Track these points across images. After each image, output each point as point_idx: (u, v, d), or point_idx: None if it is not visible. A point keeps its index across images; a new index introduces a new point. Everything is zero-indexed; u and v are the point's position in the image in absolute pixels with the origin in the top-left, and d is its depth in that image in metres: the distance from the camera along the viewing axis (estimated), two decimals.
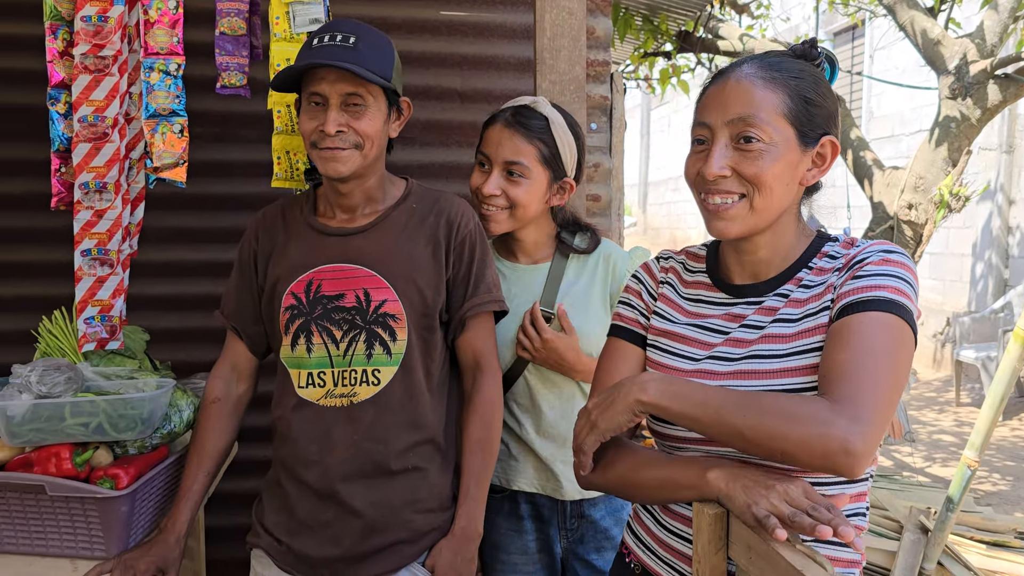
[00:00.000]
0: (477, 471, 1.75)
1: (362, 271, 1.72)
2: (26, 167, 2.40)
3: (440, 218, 1.78)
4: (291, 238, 1.78)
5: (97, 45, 1.86)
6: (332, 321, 1.71)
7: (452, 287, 1.78)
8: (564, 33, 2.12)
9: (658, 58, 7.26)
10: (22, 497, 1.69)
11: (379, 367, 1.71)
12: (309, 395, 1.73)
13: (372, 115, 1.67)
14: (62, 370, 1.72)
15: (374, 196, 1.78)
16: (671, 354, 1.36)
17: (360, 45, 1.65)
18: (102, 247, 1.91)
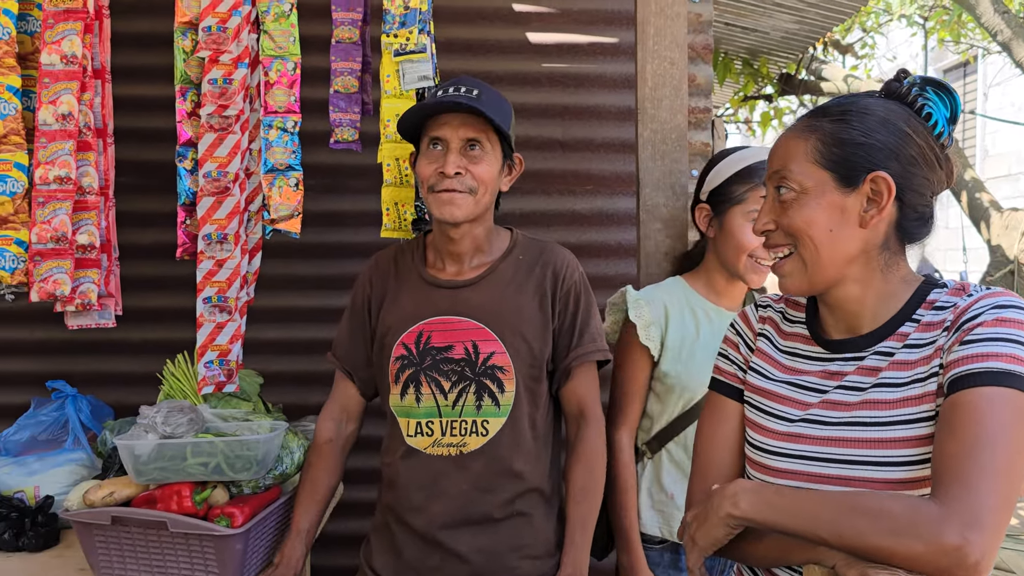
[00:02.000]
0: (582, 518, 1.75)
1: (471, 323, 1.76)
2: (155, 219, 2.57)
3: (546, 269, 1.81)
4: (403, 287, 1.84)
5: (222, 106, 1.99)
6: (441, 372, 1.76)
7: (557, 337, 1.80)
8: (665, 83, 2.14)
9: (759, 101, 7.19)
10: (146, 532, 1.78)
11: (488, 418, 1.75)
12: (417, 443, 1.77)
13: (489, 162, 1.73)
14: (184, 412, 1.81)
15: (482, 246, 1.82)
16: (766, 414, 1.31)
17: (483, 97, 1.72)
18: (222, 295, 2.01)
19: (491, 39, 2.77)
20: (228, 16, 1.99)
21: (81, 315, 2.10)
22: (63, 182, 2.01)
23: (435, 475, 1.75)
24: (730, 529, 1.19)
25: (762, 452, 1.29)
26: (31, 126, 2.07)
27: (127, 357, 2.69)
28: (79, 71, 2.02)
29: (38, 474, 2.16)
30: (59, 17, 2.02)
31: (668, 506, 1.91)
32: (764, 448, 1.29)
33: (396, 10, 1.97)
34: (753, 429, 1.32)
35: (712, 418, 1.39)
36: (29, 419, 2.29)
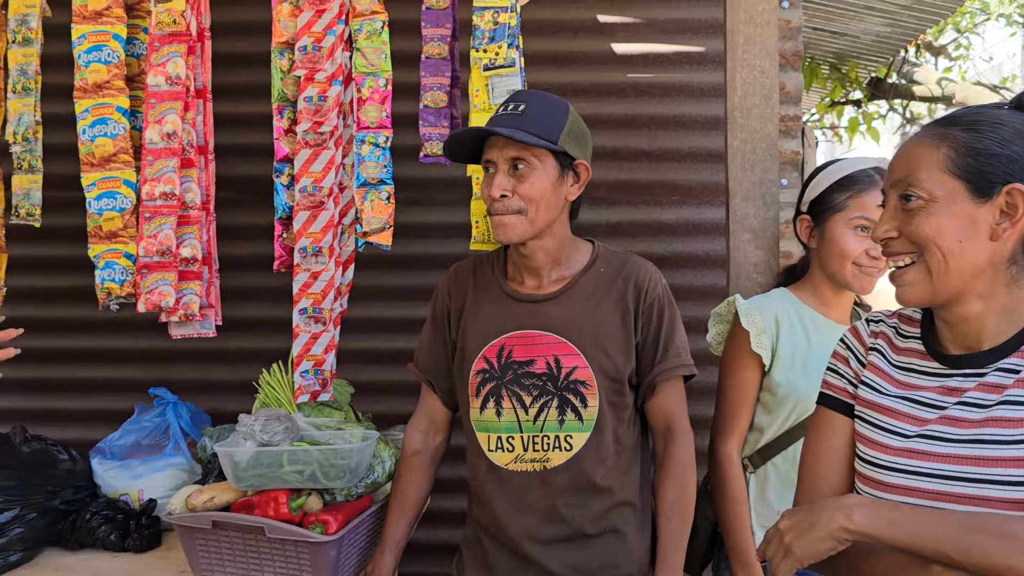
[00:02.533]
0: (673, 536, 1.74)
1: (552, 338, 1.75)
2: (252, 232, 2.66)
3: (628, 282, 1.79)
4: (482, 300, 1.84)
5: (317, 122, 2.05)
6: (522, 387, 1.75)
7: (641, 351, 1.78)
8: (755, 92, 2.11)
9: (846, 106, 7.00)
10: (244, 536, 1.83)
11: (571, 433, 1.74)
12: (499, 459, 1.77)
13: (536, 178, 1.70)
14: (281, 420, 1.87)
15: (559, 260, 1.80)
16: (879, 428, 1.28)
17: (528, 111, 1.71)
18: (317, 306, 2.06)
19: (576, 51, 2.77)
20: (323, 35, 2.04)
21: (184, 325, 2.19)
22: (168, 198, 2.10)
23: (521, 491, 1.75)
24: (837, 543, 1.17)
25: (875, 467, 1.26)
26: (138, 144, 2.17)
27: (224, 366, 2.79)
28: (183, 91, 2.11)
29: (142, 478, 2.25)
30: (164, 40, 2.12)
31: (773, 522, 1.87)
32: (877, 463, 1.26)
33: (485, 25, 1.99)
34: (865, 444, 1.29)
35: (820, 432, 1.37)
36: (133, 424, 2.39)
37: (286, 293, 2.11)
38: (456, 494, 2.60)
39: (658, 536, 1.75)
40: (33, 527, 2.04)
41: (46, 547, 2.10)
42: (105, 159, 2.13)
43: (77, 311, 2.81)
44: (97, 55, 2.13)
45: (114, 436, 2.35)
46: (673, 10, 2.74)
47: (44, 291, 2.83)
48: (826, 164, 1.98)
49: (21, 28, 2.20)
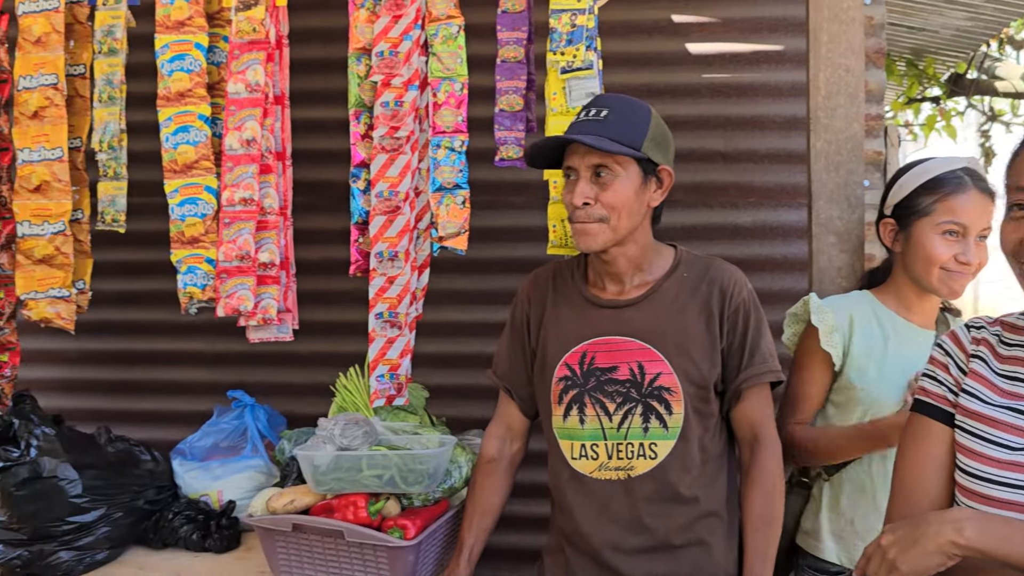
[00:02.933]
0: (761, 547, 1.69)
1: (635, 344, 1.72)
2: (329, 237, 2.69)
3: (713, 287, 1.75)
4: (563, 306, 1.81)
5: (393, 127, 2.05)
6: (605, 393, 1.73)
7: (727, 357, 1.74)
8: (840, 91, 2.04)
9: (923, 103, 6.78)
10: (323, 540, 1.85)
11: (656, 440, 1.71)
12: (582, 467, 1.74)
13: (619, 185, 1.67)
14: (360, 424, 1.87)
15: (640, 265, 1.77)
16: (984, 440, 1.22)
17: (610, 116, 1.68)
18: (392, 310, 2.07)
19: (650, 51, 2.73)
20: (399, 41, 2.05)
21: (262, 329, 2.22)
22: (247, 203, 2.13)
23: (604, 500, 1.72)
24: (946, 559, 1.11)
25: (979, 480, 1.20)
26: (218, 151, 2.20)
27: (300, 369, 2.82)
28: (262, 98, 2.14)
29: (221, 479, 2.29)
30: (244, 48, 2.15)
31: (847, 532, 1.82)
32: (982, 476, 1.20)
33: (563, 28, 1.97)
34: (968, 456, 1.23)
35: (917, 441, 1.31)
36: (212, 426, 2.43)
37: (362, 297, 2.12)
38: (531, 499, 2.59)
39: (745, 547, 1.71)
40: (119, 526, 2.10)
41: (131, 546, 2.16)
42: (187, 166, 2.17)
43: (159, 314, 2.88)
44: (179, 64, 2.18)
45: (194, 437, 2.40)
46: (751, 9, 2.69)
47: (128, 295, 2.91)
48: (911, 165, 1.91)
49: (107, 39, 2.26)
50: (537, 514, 2.65)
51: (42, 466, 2.01)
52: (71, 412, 2.57)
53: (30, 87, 2.24)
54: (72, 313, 2.28)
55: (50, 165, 2.24)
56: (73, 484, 2.02)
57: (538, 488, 2.60)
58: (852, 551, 1.82)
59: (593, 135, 1.65)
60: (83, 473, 2.05)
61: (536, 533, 2.64)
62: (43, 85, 2.24)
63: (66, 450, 2.08)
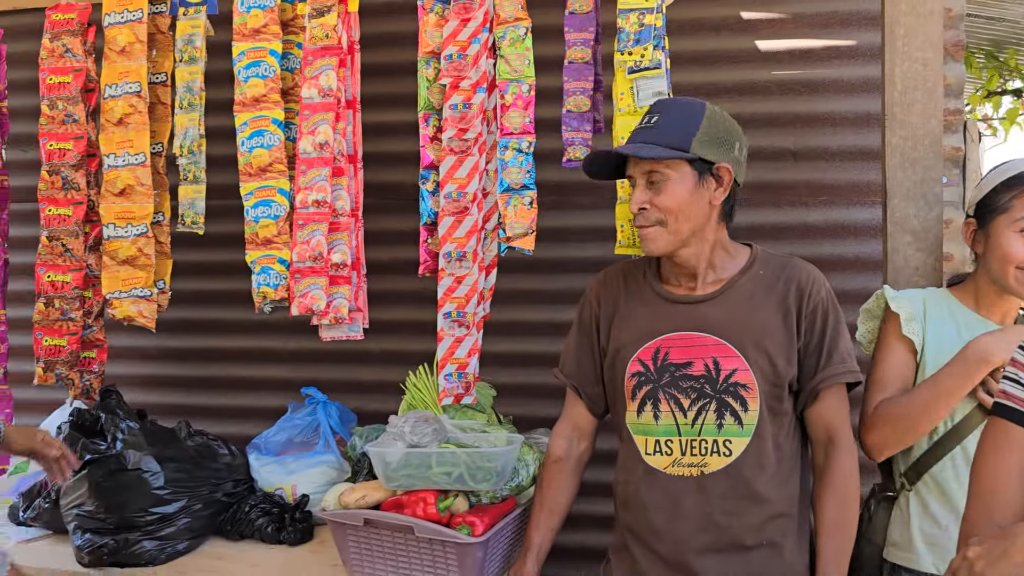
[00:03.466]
0: (835, 553, 1.67)
1: (710, 339, 1.71)
2: (398, 238, 2.73)
3: (790, 285, 1.73)
4: (635, 303, 1.81)
5: (462, 129, 2.08)
6: (680, 389, 1.71)
7: (803, 356, 1.71)
8: (917, 86, 1.99)
9: (1004, 96, 6.53)
10: (393, 535, 1.88)
11: (730, 437, 1.69)
12: (656, 463, 1.73)
13: (672, 188, 1.68)
14: (429, 422, 1.90)
15: (714, 263, 1.76)
16: None
17: (660, 122, 1.70)
18: (461, 310, 2.10)
19: (719, 49, 2.70)
20: (468, 44, 2.07)
21: (334, 328, 2.27)
22: (320, 205, 2.18)
23: (677, 496, 1.70)
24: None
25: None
26: (291, 154, 2.27)
27: (370, 367, 2.87)
28: (334, 103, 2.19)
29: (295, 473, 2.35)
30: (317, 54, 2.20)
31: (942, 539, 1.75)
32: None
33: (630, 28, 1.97)
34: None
35: (997, 446, 1.27)
36: (287, 422, 2.50)
37: (430, 297, 2.15)
38: (597, 498, 2.58)
39: (818, 552, 1.68)
40: (198, 517, 2.17)
41: (209, 536, 2.23)
42: (262, 169, 2.24)
43: (235, 313, 2.96)
44: (255, 70, 2.25)
45: (269, 432, 2.47)
46: (823, 3, 2.63)
47: (205, 294, 3.00)
48: (1001, 164, 1.85)
49: (187, 48, 2.35)
50: (602, 513, 2.64)
51: (127, 459, 2.10)
52: (153, 407, 2.68)
53: (115, 95, 2.34)
54: (153, 312, 2.38)
55: (134, 170, 2.33)
56: (156, 476, 2.11)
57: (603, 487, 2.60)
58: (947, 557, 1.74)
59: (643, 143, 1.68)
60: (165, 466, 2.14)
61: (602, 532, 2.64)
62: (127, 93, 2.34)
63: (149, 443, 2.17)
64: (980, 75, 5.80)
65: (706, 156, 1.68)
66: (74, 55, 2.42)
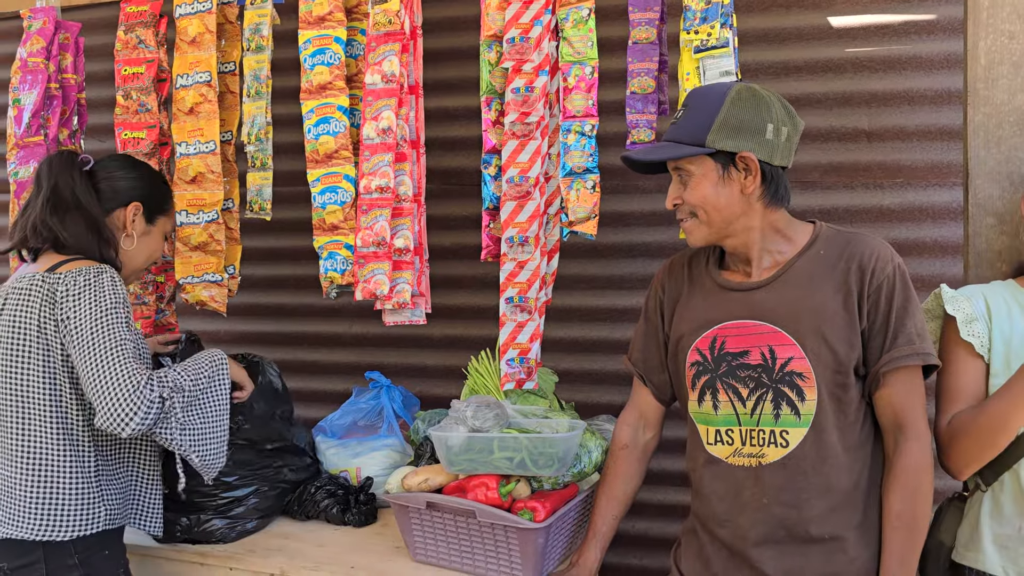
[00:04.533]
0: (900, 549, 1.61)
1: (766, 327, 1.67)
2: (460, 223, 2.74)
3: (851, 263, 1.65)
4: (695, 291, 1.79)
5: (524, 113, 2.06)
6: (738, 379, 1.69)
7: (868, 338, 1.63)
8: (1003, 60, 1.90)
9: None
10: (455, 518, 1.89)
11: (787, 428, 1.65)
12: (718, 452, 1.72)
13: (696, 184, 1.67)
14: (491, 407, 1.90)
15: (768, 248, 1.71)
16: None
17: (682, 117, 1.69)
18: (523, 295, 2.09)
19: (789, 26, 2.61)
20: (530, 26, 2.05)
21: (397, 313, 2.28)
22: (383, 191, 2.19)
23: (737, 486, 1.68)
24: None
25: None
26: (356, 141, 2.28)
27: (432, 351, 2.90)
28: (397, 88, 2.19)
29: (359, 456, 2.38)
30: (380, 40, 2.21)
31: (1013, 541, 1.67)
32: None
33: (697, 6, 1.92)
34: None
35: None
36: (351, 406, 2.53)
37: (492, 282, 2.15)
38: (661, 487, 2.56)
39: (883, 548, 1.62)
40: (266, 498, 2.22)
41: (277, 516, 2.28)
42: (328, 156, 2.26)
43: (301, 298, 3.02)
44: (320, 58, 2.26)
45: (334, 416, 2.51)
46: None
47: (273, 280, 3.06)
48: None
49: (255, 36, 2.38)
50: (666, 502, 2.63)
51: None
52: None
53: (186, 84, 2.39)
54: (224, 296, 2.43)
55: (204, 158, 2.38)
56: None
57: (668, 476, 2.58)
58: (1021, 561, 1.66)
59: (669, 140, 1.70)
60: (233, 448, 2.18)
61: (665, 521, 2.62)
62: (198, 83, 2.38)
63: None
64: None
65: (724, 147, 1.63)
66: (147, 46, 2.48)
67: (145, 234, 2.07)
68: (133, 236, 2.03)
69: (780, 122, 1.65)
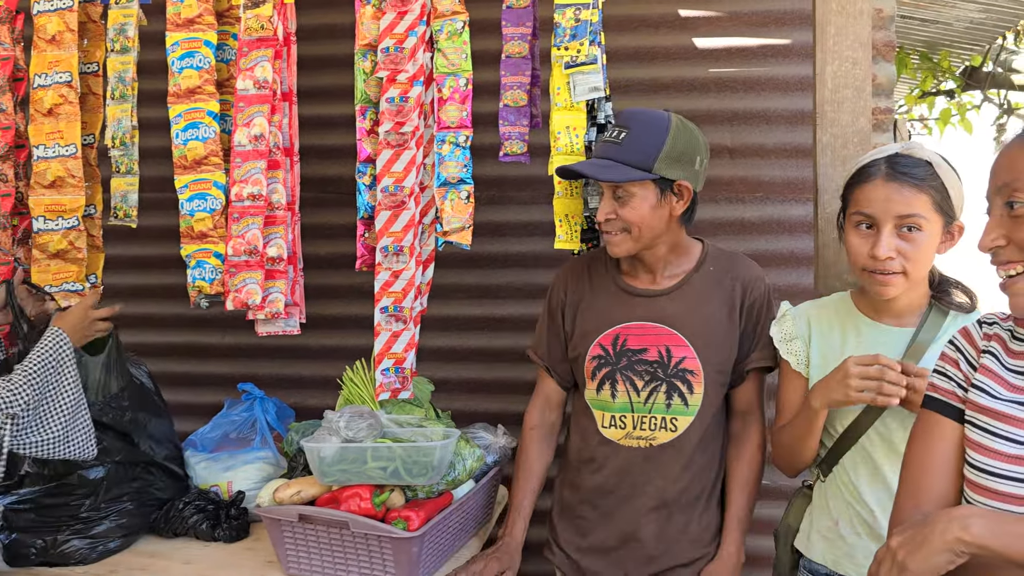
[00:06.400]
0: (742, 507, 1.94)
1: (664, 329, 1.92)
2: (335, 232, 2.72)
3: (736, 282, 1.95)
4: (598, 294, 2.00)
5: (399, 123, 2.07)
6: (635, 372, 1.93)
7: (739, 342, 1.95)
8: (847, 84, 2.04)
9: (937, 97, 6.73)
10: (329, 530, 1.87)
11: (677, 416, 1.92)
12: (611, 435, 1.96)
13: (635, 204, 1.85)
14: (364, 417, 1.90)
15: (670, 260, 1.97)
16: (992, 435, 1.22)
17: (626, 139, 1.84)
18: (398, 305, 2.09)
19: (657, 46, 2.73)
20: (405, 37, 2.06)
21: (270, 323, 2.24)
22: (255, 199, 2.15)
23: (628, 464, 1.93)
24: (954, 557, 1.12)
25: (988, 475, 1.21)
26: (227, 147, 2.23)
27: (308, 362, 2.85)
28: (270, 95, 2.16)
29: (231, 470, 2.32)
30: (252, 45, 2.17)
31: (832, 533, 1.78)
32: (991, 471, 1.21)
33: (567, 23, 1.98)
34: (977, 451, 1.24)
35: (925, 438, 1.32)
36: (222, 418, 2.46)
37: (368, 292, 2.14)
38: None
39: (728, 506, 1.95)
40: (130, 515, 2.13)
41: (143, 535, 2.19)
42: (196, 162, 2.20)
43: (169, 308, 2.92)
44: (189, 61, 2.21)
45: (205, 429, 2.43)
46: (758, 2, 2.68)
47: (139, 289, 2.95)
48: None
49: (119, 37, 2.29)
50: None
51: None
52: None
53: (45, 85, 2.27)
54: None
55: (64, 161, 2.27)
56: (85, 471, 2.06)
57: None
58: (837, 552, 1.76)
59: (609, 159, 1.84)
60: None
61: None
62: (57, 83, 2.27)
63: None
64: (915, 76, 5.97)
65: (667, 175, 1.84)
66: (1, 43, 2.35)
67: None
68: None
69: (703, 154, 1.91)
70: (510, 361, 2.70)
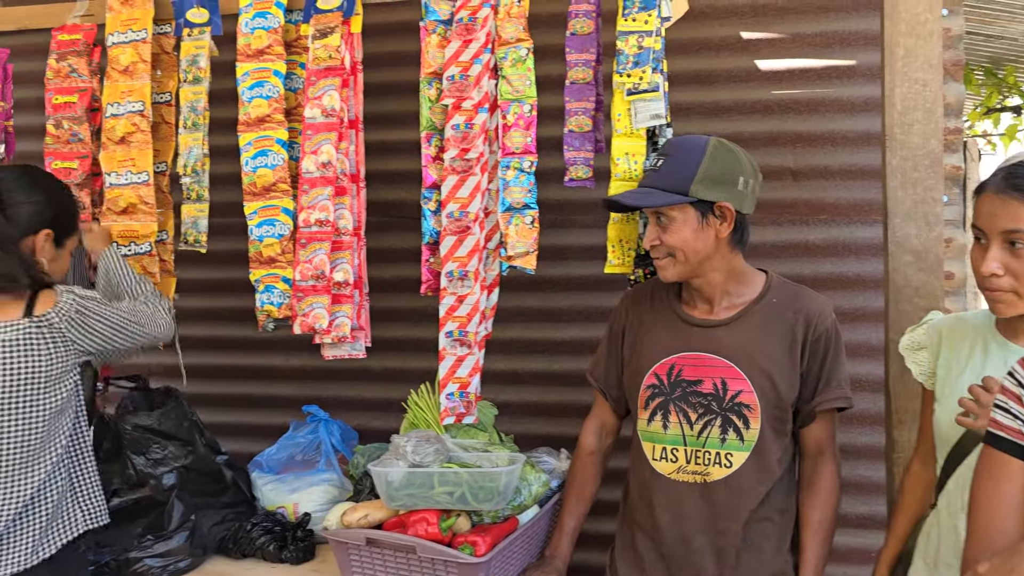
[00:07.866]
0: (817, 552, 1.86)
1: (721, 362, 1.86)
2: (400, 256, 2.75)
3: (799, 316, 1.87)
4: (658, 322, 1.97)
5: (464, 149, 2.09)
6: (689, 404, 1.87)
7: (804, 380, 1.86)
8: (917, 106, 2.00)
9: (1003, 113, 6.57)
10: (396, 554, 1.88)
11: (732, 451, 1.85)
12: (662, 468, 1.90)
13: (677, 228, 1.82)
14: (431, 442, 1.91)
15: (728, 289, 1.90)
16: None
17: (663, 166, 1.84)
18: (462, 329, 2.10)
19: (719, 69, 2.72)
20: (470, 64, 2.09)
21: (336, 347, 2.27)
22: (322, 224, 2.19)
23: (680, 500, 1.87)
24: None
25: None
26: (295, 174, 2.28)
27: (372, 385, 2.89)
28: (337, 123, 2.20)
29: (297, 492, 2.35)
30: (320, 75, 2.22)
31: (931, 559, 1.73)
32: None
33: (630, 50, 1.98)
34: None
35: (991, 477, 1.26)
36: (288, 440, 2.50)
37: (432, 316, 2.16)
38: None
39: (801, 552, 1.87)
40: (200, 535, 2.17)
41: (211, 555, 2.23)
42: (265, 188, 2.25)
43: (238, 331, 2.98)
44: (259, 91, 2.26)
45: (271, 451, 2.47)
46: (822, 24, 2.65)
47: (208, 312, 3.02)
48: None
49: (192, 68, 2.37)
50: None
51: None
52: None
53: (117, 114, 2.35)
54: None
55: (137, 188, 2.34)
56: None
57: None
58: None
59: (649, 186, 1.84)
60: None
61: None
62: (130, 112, 2.34)
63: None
64: (979, 92, 5.85)
65: (705, 197, 1.80)
66: (79, 75, 2.43)
67: (55, 259, 2.03)
68: (43, 262, 1.97)
69: (748, 175, 1.85)
70: (571, 384, 2.69)
